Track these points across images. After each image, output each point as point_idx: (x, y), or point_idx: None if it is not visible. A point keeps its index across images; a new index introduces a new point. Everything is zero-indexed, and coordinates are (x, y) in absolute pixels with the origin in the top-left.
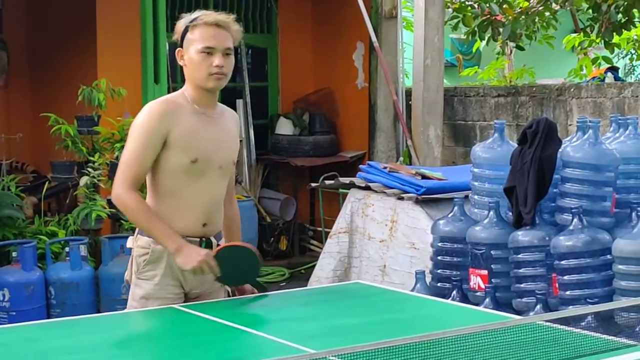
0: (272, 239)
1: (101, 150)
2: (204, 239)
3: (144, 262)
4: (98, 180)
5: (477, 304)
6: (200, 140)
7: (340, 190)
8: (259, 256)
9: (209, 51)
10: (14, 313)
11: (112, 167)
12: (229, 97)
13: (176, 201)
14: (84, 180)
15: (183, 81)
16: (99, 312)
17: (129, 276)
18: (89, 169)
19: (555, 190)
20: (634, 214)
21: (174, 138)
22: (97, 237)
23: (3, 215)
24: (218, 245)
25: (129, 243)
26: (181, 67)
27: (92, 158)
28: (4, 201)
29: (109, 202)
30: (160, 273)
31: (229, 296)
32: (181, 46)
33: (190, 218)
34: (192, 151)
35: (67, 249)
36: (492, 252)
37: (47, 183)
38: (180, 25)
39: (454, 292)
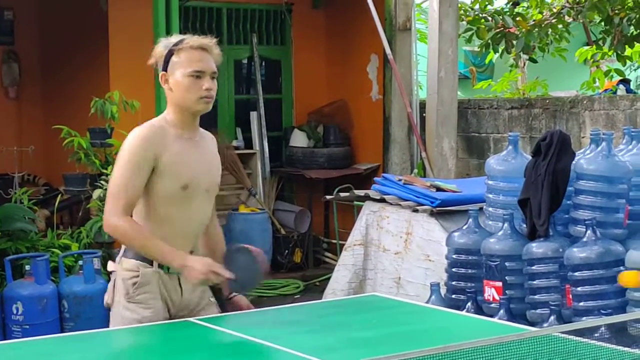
0: (287, 251)
1: (114, 162)
2: None
3: (135, 285)
4: None
5: (491, 316)
6: (189, 165)
7: (355, 202)
8: (261, 255)
9: (198, 74)
10: (28, 327)
11: None
12: (243, 109)
13: (166, 228)
14: (96, 193)
15: None
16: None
17: (110, 299)
18: (101, 181)
19: (568, 202)
20: None
21: (163, 164)
22: (111, 250)
23: (15, 228)
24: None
25: (111, 266)
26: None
27: (105, 171)
28: (16, 214)
29: None
30: (152, 296)
31: (219, 309)
32: (164, 70)
33: (179, 244)
34: (182, 177)
35: (80, 262)
36: (506, 263)
37: (59, 196)
38: (161, 48)
39: (469, 304)
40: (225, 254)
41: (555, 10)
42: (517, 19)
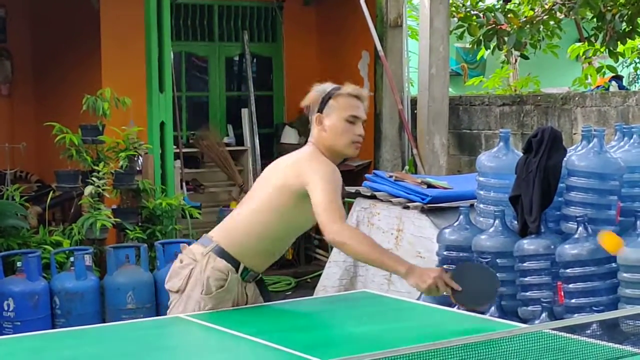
0: None
1: (106, 159)
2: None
3: (220, 287)
4: (103, 190)
5: (482, 313)
6: None
7: (346, 199)
8: (496, 278)
9: (353, 120)
10: (19, 323)
11: (117, 177)
12: (234, 106)
13: (274, 245)
14: (88, 189)
15: (188, 90)
16: (104, 322)
17: (183, 286)
18: (93, 178)
19: (560, 198)
20: (638, 222)
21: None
22: (102, 247)
23: (7, 225)
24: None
25: (197, 253)
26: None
27: (96, 167)
28: (8, 211)
29: (114, 212)
30: (228, 300)
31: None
32: (320, 111)
33: (271, 260)
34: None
35: (71, 258)
36: (497, 260)
37: (51, 192)
38: (318, 92)
39: None
40: (457, 267)
41: (547, 6)
42: (509, 15)
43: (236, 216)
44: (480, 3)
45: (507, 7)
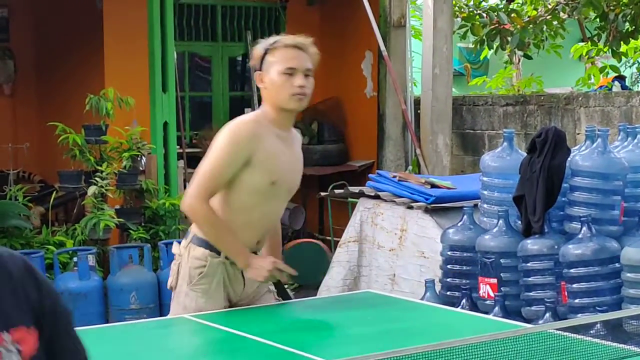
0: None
1: (109, 159)
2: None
3: (200, 274)
4: (106, 190)
5: (486, 313)
6: (281, 163)
7: (350, 199)
8: (326, 249)
9: (290, 72)
10: None
11: (120, 177)
12: (237, 106)
13: (245, 218)
14: (91, 189)
15: (191, 90)
16: (107, 322)
17: (174, 283)
18: (96, 178)
19: (564, 199)
20: None
21: (257, 159)
22: (105, 247)
23: (10, 225)
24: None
25: (175, 248)
26: (258, 90)
27: (99, 167)
28: (11, 211)
29: (117, 212)
30: (214, 287)
31: (277, 297)
32: (260, 69)
33: (251, 235)
34: (273, 173)
35: (75, 259)
36: (501, 260)
37: (54, 193)
38: (259, 49)
39: (464, 301)
40: (286, 251)
41: (550, 6)
42: (512, 15)
43: None
44: (483, 3)
45: (510, 7)
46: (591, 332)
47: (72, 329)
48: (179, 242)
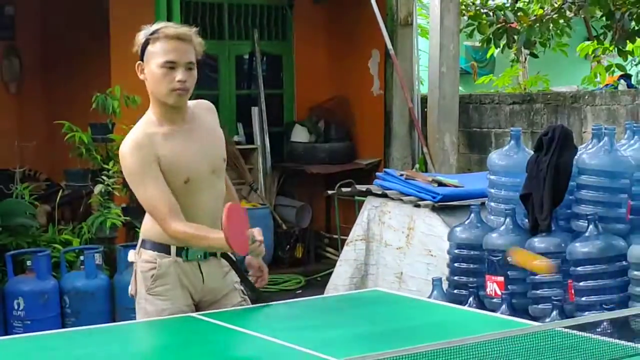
0: (288, 246)
1: (115, 158)
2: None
3: (152, 277)
4: (112, 188)
5: (493, 311)
6: (185, 158)
7: (357, 197)
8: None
9: (170, 65)
10: (29, 322)
11: None
12: (244, 104)
13: (192, 214)
14: (98, 188)
15: (198, 88)
16: (114, 321)
17: (134, 290)
18: (103, 176)
19: (571, 197)
20: None
21: (161, 164)
22: (112, 246)
23: (17, 223)
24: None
25: (131, 257)
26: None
27: (106, 166)
28: (17, 210)
29: (124, 210)
30: (171, 287)
31: (243, 295)
32: (141, 59)
33: (206, 223)
34: (181, 173)
35: (81, 257)
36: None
37: (60, 191)
38: (140, 37)
39: (471, 299)
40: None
41: (556, 5)
42: (519, 14)
43: None
44: (490, 1)
45: (517, 5)
46: (598, 330)
47: None
48: (134, 249)
